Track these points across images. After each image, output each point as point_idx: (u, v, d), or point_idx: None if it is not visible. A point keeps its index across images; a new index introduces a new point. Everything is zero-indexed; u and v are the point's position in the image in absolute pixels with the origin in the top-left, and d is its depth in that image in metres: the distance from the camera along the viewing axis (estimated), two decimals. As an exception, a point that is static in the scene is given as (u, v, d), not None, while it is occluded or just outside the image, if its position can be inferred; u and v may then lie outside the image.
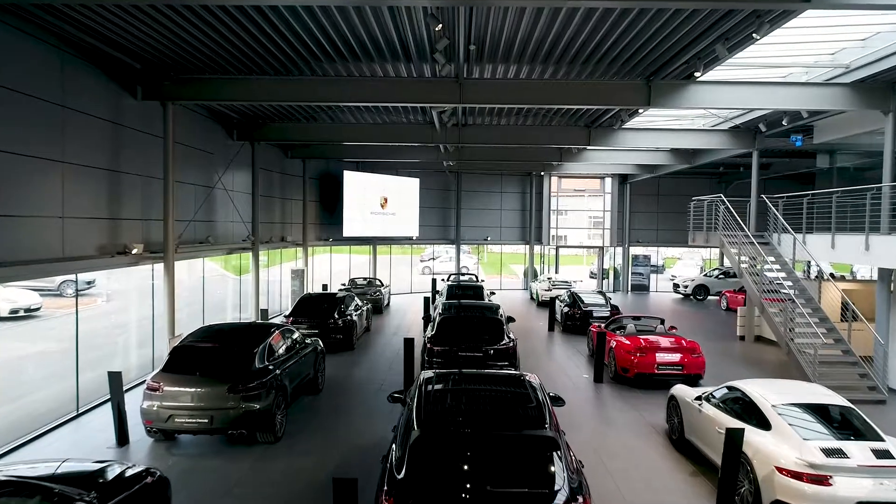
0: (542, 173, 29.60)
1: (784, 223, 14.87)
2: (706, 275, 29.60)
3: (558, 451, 5.10)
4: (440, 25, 9.00)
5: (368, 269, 28.63)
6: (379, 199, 26.64)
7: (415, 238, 29.13)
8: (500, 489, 4.83)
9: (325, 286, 23.87)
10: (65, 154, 9.77)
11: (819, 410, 7.01)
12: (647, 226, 30.74)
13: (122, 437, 8.69)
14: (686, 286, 28.63)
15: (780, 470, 6.22)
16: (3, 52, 8.44)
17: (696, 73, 11.13)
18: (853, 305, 12.87)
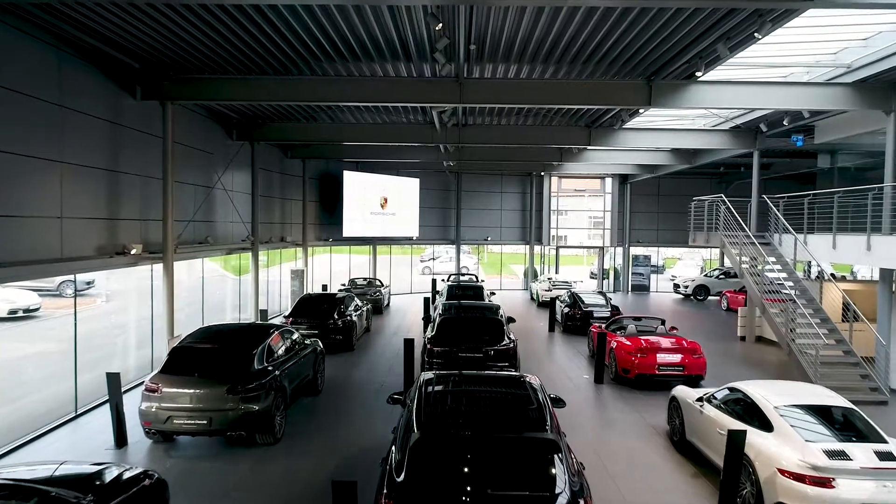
0: (542, 173, 29.57)
1: (785, 223, 14.83)
2: (706, 275, 29.57)
3: (559, 454, 5.05)
4: (440, 25, 8.96)
5: (368, 270, 28.60)
6: (379, 200, 26.61)
7: (415, 238, 29.11)
8: (501, 492, 4.79)
9: (324, 286, 23.84)
10: (63, 154, 9.74)
11: (821, 412, 6.98)
12: (648, 226, 30.71)
13: (120, 439, 8.65)
14: (686, 286, 28.59)
15: (783, 472, 6.19)
16: (2, 52, 8.40)
17: (698, 72, 11.08)
18: (854, 306, 12.83)
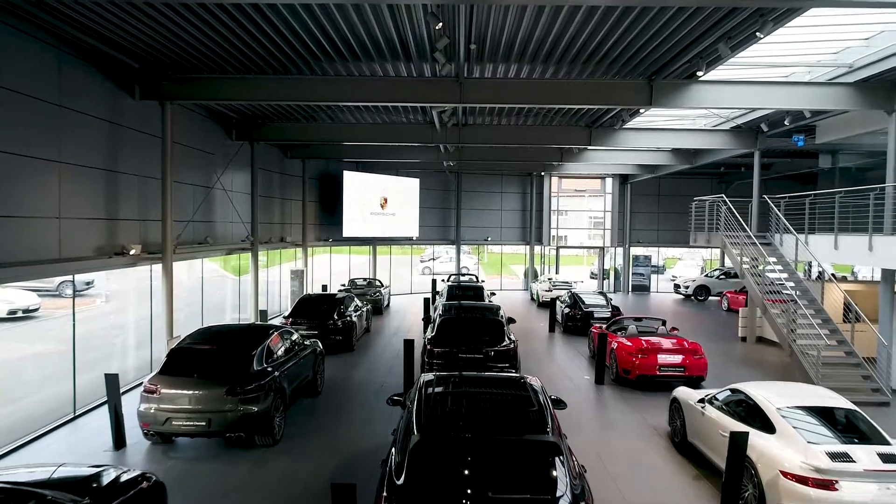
0: (542, 173, 29.53)
1: (786, 223, 14.78)
2: (707, 275, 29.53)
3: (560, 456, 5.01)
4: (440, 24, 8.92)
5: (368, 270, 28.55)
6: (379, 200, 26.57)
7: (415, 238, 29.06)
8: (502, 495, 4.74)
9: (324, 287, 23.79)
10: (62, 154, 9.70)
11: (824, 413, 6.93)
12: (648, 226, 30.67)
13: (118, 440, 8.61)
14: (687, 287, 28.55)
15: (785, 474, 6.14)
16: (1, 53, 8.35)
17: (699, 72, 11.04)
18: (856, 306, 12.79)
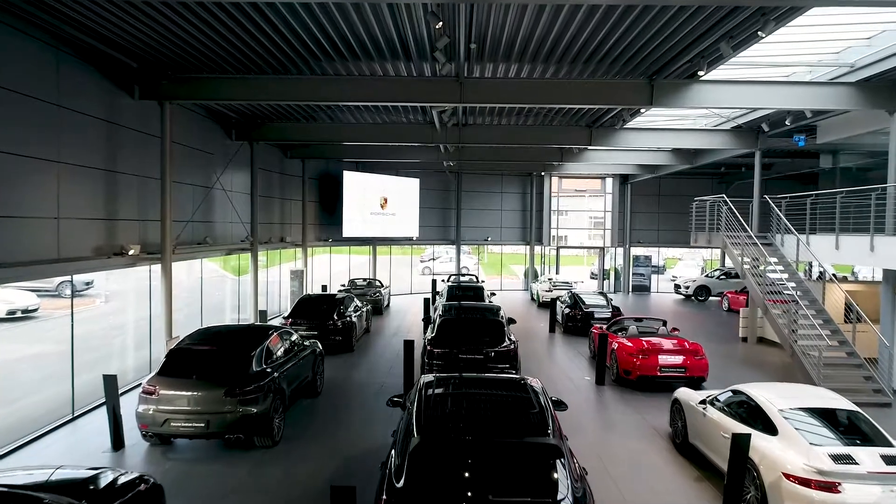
0: (542, 173, 29.49)
1: (787, 224, 14.74)
2: (707, 275, 29.48)
3: (562, 459, 4.97)
4: (440, 23, 8.87)
5: (368, 270, 28.51)
6: (379, 200, 26.53)
7: (415, 238, 29.02)
8: (503, 498, 4.70)
9: (324, 287, 23.74)
10: (60, 154, 9.65)
11: (826, 415, 6.89)
12: (648, 226, 30.63)
13: (117, 442, 8.56)
14: (687, 287, 28.50)
15: (788, 476, 6.10)
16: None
17: (700, 72, 11.00)
18: (857, 307, 12.74)
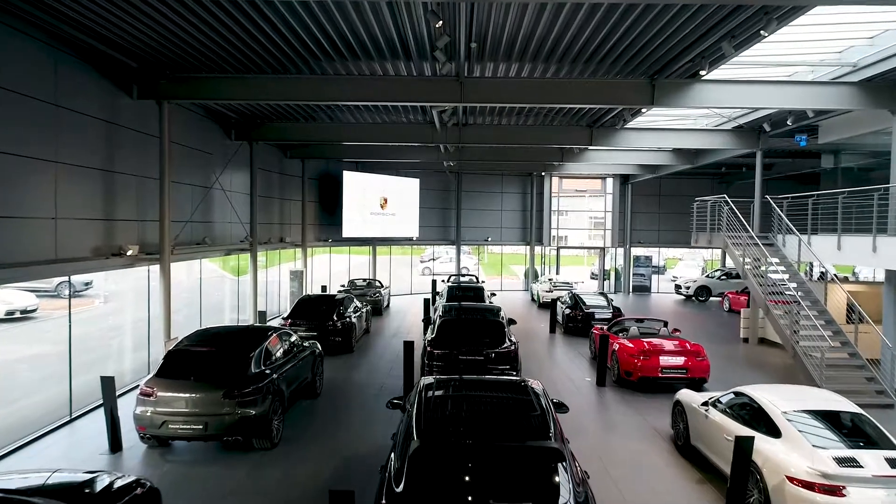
0: (542, 173, 29.42)
1: (789, 224, 14.67)
2: (708, 276, 29.44)
3: (563, 463, 4.91)
4: (440, 22, 8.81)
5: (368, 270, 28.45)
6: (379, 200, 26.47)
7: (415, 239, 28.96)
8: (504, 503, 4.64)
9: (324, 287, 23.69)
10: (58, 154, 9.59)
11: (830, 417, 6.82)
12: (649, 226, 30.57)
13: (115, 444, 8.50)
14: (688, 287, 28.45)
15: (791, 479, 6.04)
16: (-5, 50, 8.27)
17: (702, 71, 10.93)
18: (860, 307, 12.68)
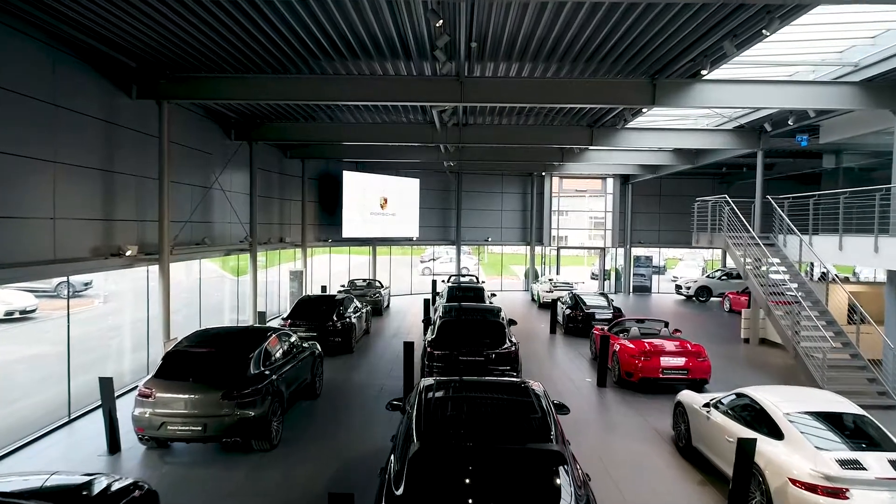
0: (543, 173, 29.38)
1: (790, 224, 14.63)
2: (708, 276, 29.39)
3: (565, 465, 4.86)
4: (440, 21, 8.77)
5: (368, 271, 28.41)
6: (379, 200, 26.43)
7: (415, 239, 28.92)
8: (504, 506, 4.60)
9: (324, 287, 23.65)
10: (57, 154, 9.55)
11: (832, 419, 6.78)
12: (649, 226, 30.53)
13: (113, 445, 8.46)
14: (688, 287, 28.40)
15: (794, 482, 5.99)
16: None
17: (703, 71, 10.88)
18: (861, 308, 12.64)
